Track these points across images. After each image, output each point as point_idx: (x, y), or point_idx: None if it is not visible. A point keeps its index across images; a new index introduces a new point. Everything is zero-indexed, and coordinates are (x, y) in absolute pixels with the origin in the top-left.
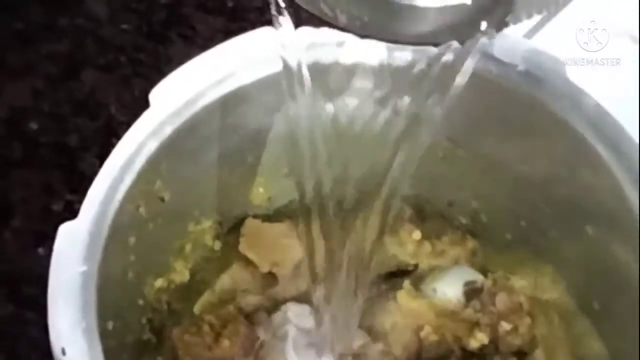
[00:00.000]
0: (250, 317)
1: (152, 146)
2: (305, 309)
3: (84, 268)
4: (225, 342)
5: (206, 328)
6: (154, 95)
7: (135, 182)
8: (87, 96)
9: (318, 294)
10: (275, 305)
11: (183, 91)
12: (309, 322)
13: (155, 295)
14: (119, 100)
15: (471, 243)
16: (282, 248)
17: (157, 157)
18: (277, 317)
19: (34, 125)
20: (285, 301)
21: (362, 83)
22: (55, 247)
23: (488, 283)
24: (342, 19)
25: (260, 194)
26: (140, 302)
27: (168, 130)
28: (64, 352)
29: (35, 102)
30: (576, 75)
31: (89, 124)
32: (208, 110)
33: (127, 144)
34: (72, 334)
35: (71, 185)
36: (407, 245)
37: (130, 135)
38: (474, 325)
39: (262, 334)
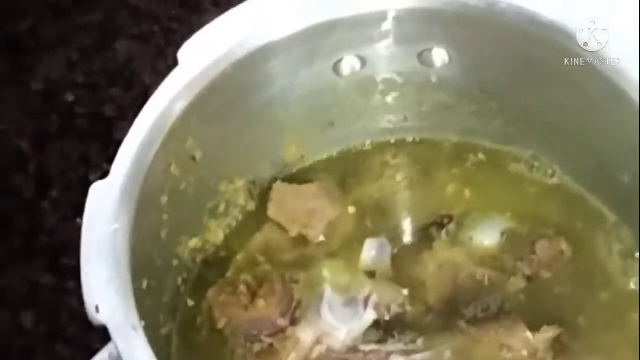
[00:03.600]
0: (285, 277)
1: (181, 105)
2: (340, 265)
3: (116, 226)
4: (261, 302)
5: (242, 288)
6: (183, 53)
7: (165, 141)
8: (121, 66)
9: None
10: (310, 265)
11: (212, 48)
12: (344, 279)
13: (190, 255)
14: (154, 70)
15: None
16: (311, 210)
17: (187, 116)
18: (312, 275)
19: (69, 97)
20: (319, 260)
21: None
22: (87, 206)
23: (526, 230)
24: None
25: (293, 152)
26: (175, 262)
27: (197, 88)
28: (97, 310)
29: (70, 73)
30: None
31: (124, 94)
32: (237, 66)
33: (157, 103)
34: (106, 292)
35: (108, 155)
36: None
37: (160, 94)
38: (512, 274)
39: (298, 294)
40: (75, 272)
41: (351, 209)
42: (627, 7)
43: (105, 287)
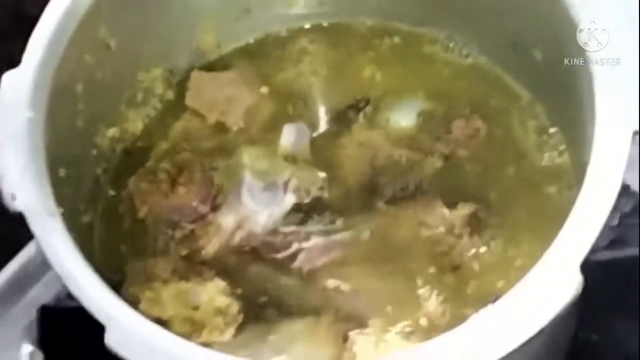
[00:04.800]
0: (205, 164)
1: None
2: (259, 151)
3: (31, 114)
4: (182, 189)
5: (162, 176)
6: None
7: (77, 29)
8: None
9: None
10: (229, 152)
11: None
12: (263, 164)
13: (109, 145)
14: None
15: None
16: (228, 97)
17: (99, 2)
18: (232, 162)
19: None
20: (238, 147)
21: None
22: (0, 95)
23: (442, 110)
24: None
25: (209, 40)
26: (94, 151)
27: None
28: (14, 197)
29: None
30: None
31: None
32: None
33: None
34: (21, 179)
35: None
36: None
37: None
38: (429, 153)
39: (218, 180)
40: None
41: (268, 95)
42: (627, 7)
43: (20, 175)
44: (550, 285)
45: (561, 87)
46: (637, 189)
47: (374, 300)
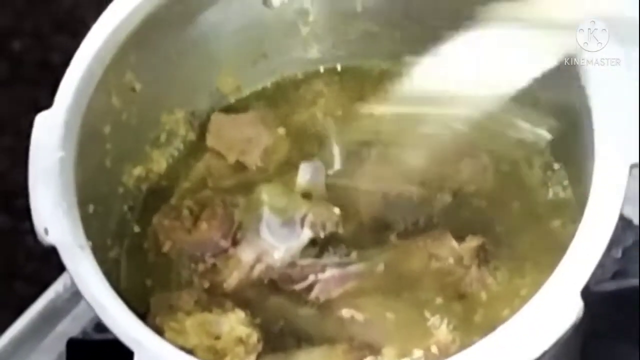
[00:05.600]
0: (226, 201)
1: (119, 37)
2: (277, 188)
3: (61, 154)
4: (204, 225)
5: (185, 212)
6: None
7: (105, 73)
8: (67, 14)
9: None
10: (249, 189)
11: None
12: (281, 201)
13: (134, 183)
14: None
15: None
16: (247, 138)
17: (125, 48)
18: (251, 199)
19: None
20: (257, 185)
21: None
22: (33, 136)
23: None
24: None
25: (229, 83)
26: (121, 190)
27: (135, 21)
28: (46, 232)
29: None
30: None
31: (71, 41)
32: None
33: (95, 36)
34: (53, 214)
35: None
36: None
37: (98, 28)
38: (438, 190)
39: (238, 216)
40: (30, 214)
41: (285, 135)
42: (627, 7)
43: (52, 210)
44: (551, 310)
45: (564, 124)
46: (638, 223)
47: (387, 329)
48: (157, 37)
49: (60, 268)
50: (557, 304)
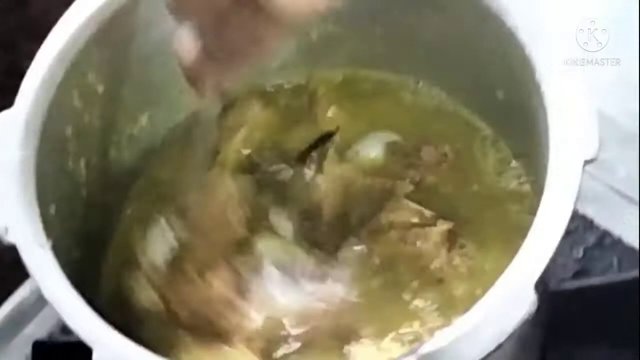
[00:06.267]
0: None
1: (81, 37)
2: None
3: (22, 153)
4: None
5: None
6: None
7: (66, 74)
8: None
9: None
10: None
11: None
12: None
13: None
14: None
15: None
16: None
17: (87, 49)
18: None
19: None
20: None
21: None
22: None
23: (409, 140)
24: None
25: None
26: (84, 191)
27: (97, 22)
28: (6, 231)
29: None
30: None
31: None
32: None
33: (57, 36)
34: (14, 213)
35: None
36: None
37: (60, 28)
38: (399, 179)
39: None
40: None
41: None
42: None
43: (12, 209)
44: (505, 303)
45: (521, 123)
46: (600, 223)
47: (368, 314)
48: (121, 40)
49: (27, 272)
50: (510, 297)
